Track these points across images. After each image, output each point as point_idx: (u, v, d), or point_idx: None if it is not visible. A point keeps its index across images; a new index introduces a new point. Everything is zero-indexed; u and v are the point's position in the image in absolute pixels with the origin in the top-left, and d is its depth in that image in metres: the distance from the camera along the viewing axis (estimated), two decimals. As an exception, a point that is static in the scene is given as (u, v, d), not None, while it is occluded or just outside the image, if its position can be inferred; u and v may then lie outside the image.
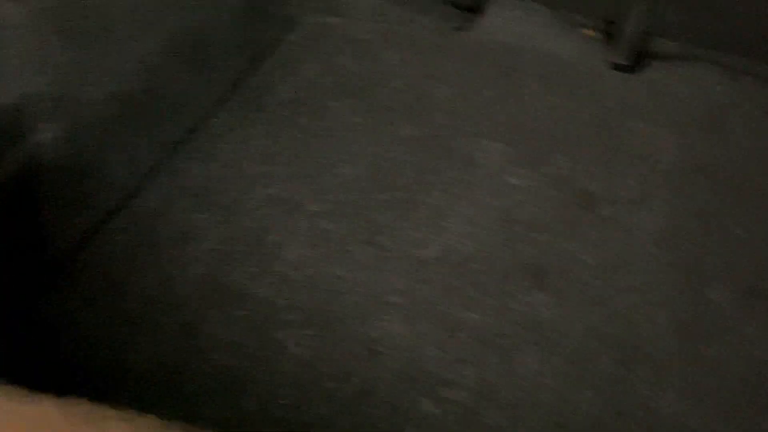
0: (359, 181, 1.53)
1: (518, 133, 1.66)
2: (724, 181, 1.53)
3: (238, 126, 1.64)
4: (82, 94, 1.33)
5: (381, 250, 1.40)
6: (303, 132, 1.63)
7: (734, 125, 1.66)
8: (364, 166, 1.57)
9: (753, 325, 1.27)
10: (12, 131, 1.20)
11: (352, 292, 1.32)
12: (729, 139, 1.63)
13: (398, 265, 1.37)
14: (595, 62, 1.83)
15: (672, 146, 1.61)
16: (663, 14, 1.78)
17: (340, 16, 1.93)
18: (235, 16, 1.75)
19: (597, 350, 1.24)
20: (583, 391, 1.18)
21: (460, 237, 1.43)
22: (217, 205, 1.46)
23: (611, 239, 1.43)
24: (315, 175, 1.54)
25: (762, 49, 1.75)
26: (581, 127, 1.67)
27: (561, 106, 1.71)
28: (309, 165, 1.56)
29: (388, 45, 1.85)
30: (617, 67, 1.79)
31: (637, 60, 1.81)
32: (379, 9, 1.94)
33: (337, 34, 1.88)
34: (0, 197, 1.17)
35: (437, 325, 1.28)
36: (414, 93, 1.74)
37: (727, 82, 1.76)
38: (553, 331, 1.27)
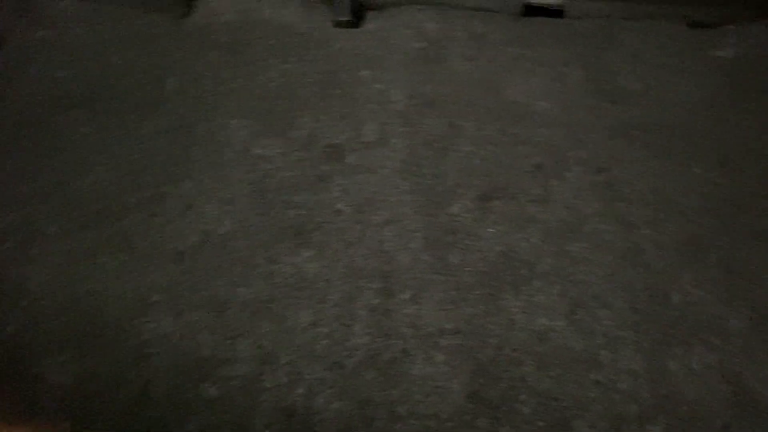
0: (102, 189, 1.46)
1: (260, 106, 1.68)
2: (449, 107, 1.68)
3: (-51, 165, 1.49)
4: None
5: (135, 253, 1.35)
6: (30, 154, 1.51)
7: (451, 56, 1.82)
8: (105, 174, 1.50)
9: (487, 225, 1.42)
10: None
11: (112, 304, 1.27)
12: (448, 70, 1.78)
13: (157, 263, 1.34)
14: (321, 23, 1.89)
15: (401, 86, 1.73)
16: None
17: (50, 27, 1.80)
18: None
19: (361, 288, 1.31)
20: (353, 328, 1.25)
21: (218, 219, 1.43)
22: (-62, 255, 1.32)
23: (361, 183, 1.51)
24: (51, 194, 1.44)
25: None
26: (318, 86, 1.73)
27: (295, 72, 1.76)
28: (42, 186, 1.45)
29: (109, 47, 1.76)
30: (342, 24, 1.87)
31: (359, 14, 1.90)
32: (92, 13, 1.84)
33: (50, 46, 1.75)
34: None
35: (206, 310, 1.27)
36: (146, 89, 1.68)
37: (438, 19, 1.91)
38: (320, 282, 1.33)
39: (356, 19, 1.89)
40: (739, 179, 1.50)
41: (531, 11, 1.94)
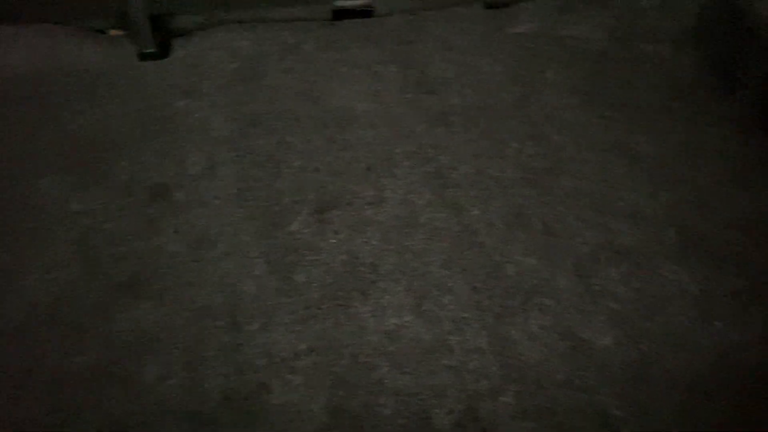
0: None
1: (72, 157, 1.57)
2: (274, 124, 1.67)
3: None
4: None
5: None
6: None
7: (267, 72, 1.80)
8: None
9: (328, 237, 1.43)
10: None
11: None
12: (267, 86, 1.76)
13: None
14: (126, 59, 1.80)
15: (222, 111, 1.70)
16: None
17: None
18: None
19: (207, 328, 1.27)
20: (204, 372, 1.21)
21: (41, 289, 1.32)
22: None
23: (193, 219, 1.46)
24: None
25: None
26: (132, 126, 1.65)
27: (106, 114, 1.67)
28: None
29: None
30: (148, 56, 1.80)
31: (165, 43, 1.84)
32: None
33: None
34: None
35: (41, 390, 1.18)
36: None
37: (249, 36, 1.89)
38: (162, 332, 1.27)
39: (163, 48, 1.82)
40: (550, 147, 1.62)
41: (340, 15, 1.97)
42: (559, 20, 1.90)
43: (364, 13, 1.97)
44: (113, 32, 1.91)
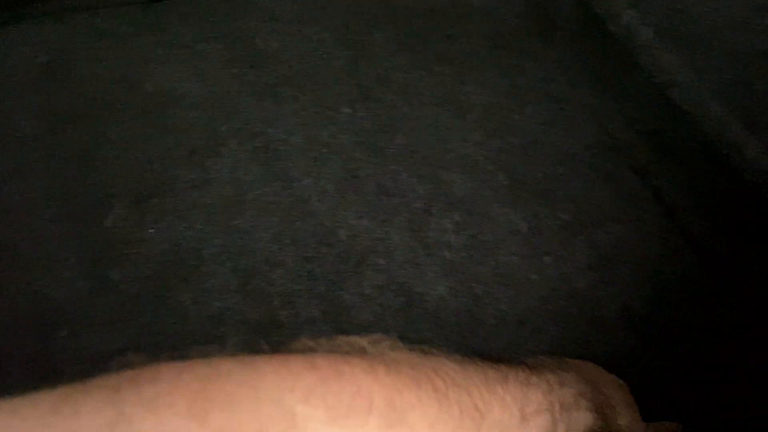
0: None
1: None
2: (89, 116, 1.54)
3: None
4: None
5: None
6: None
7: (80, 62, 1.66)
8: None
9: (147, 227, 1.33)
10: None
11: None
12: (80, 77, 1.62)
13: None
14: None
15: (29, 110, 1.54)
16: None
17: None
18: None
19: (11, 342, 1.15)
20: (6, 391, 1.10)
21: None
22: None
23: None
24: None
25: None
26: None
27: None
28: None
29: None
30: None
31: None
32: None
33: None
34: None
35: None
36: None
37: (59, 27, 1.74)
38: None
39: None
40: (381, 107, 1.58)
41: (158, -4, 1.85)
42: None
43: (185, -8, 1.86)
44: None
